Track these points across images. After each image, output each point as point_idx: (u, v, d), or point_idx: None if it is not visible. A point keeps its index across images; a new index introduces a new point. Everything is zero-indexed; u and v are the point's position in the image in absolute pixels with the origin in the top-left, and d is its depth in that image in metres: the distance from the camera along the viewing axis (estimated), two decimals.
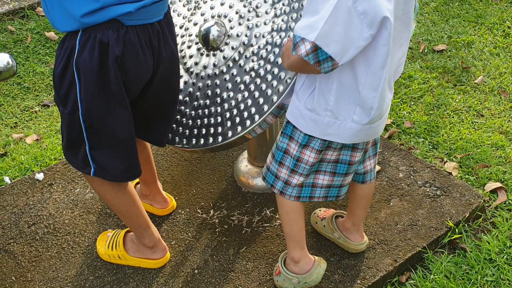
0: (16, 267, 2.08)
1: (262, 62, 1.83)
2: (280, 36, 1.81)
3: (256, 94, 1.81)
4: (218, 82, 1.92)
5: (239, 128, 1.82)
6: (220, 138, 1.87)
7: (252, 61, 1.85)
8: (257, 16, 1.87)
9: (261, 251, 2.08)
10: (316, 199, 1.81)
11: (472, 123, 2.80)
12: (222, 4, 1.97)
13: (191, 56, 2.02)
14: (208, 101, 1.93)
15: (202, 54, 1.99)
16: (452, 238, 2.13)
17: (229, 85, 1.89)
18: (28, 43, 3.67)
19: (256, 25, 1.87)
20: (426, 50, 3.39)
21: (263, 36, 1.84)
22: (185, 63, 2.03)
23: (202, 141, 1.91)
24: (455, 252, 2.12)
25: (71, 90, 1.61)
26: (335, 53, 1.39)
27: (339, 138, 1.63)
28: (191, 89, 1.98)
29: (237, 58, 1.89)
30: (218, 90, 1.91)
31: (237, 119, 1.84)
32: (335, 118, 1.59)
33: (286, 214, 1.84)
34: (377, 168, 2.30)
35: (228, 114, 1.87)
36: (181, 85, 2.01)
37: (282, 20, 1.80)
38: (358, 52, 1.42)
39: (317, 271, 1.88)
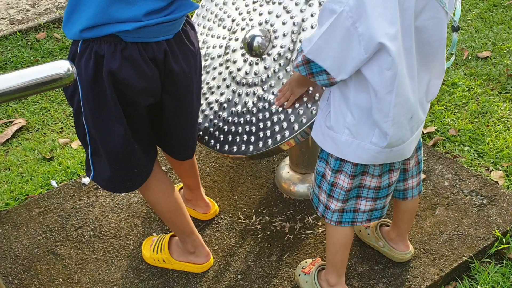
0: (63, 269, 2.13)
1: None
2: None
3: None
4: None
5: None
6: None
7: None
8: (286, 70, 1.89)
9: (304, 258, 2.07)
10: (359, 223, 1.78)
11: None
12: (284, 24, 1.95)
13: (236, 39, 2.06)
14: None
15: (241, 48, 2.02)
16: (499, 248, 2.08)
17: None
18: None
19: (280, 73, 1.90)
20: (470, 57, 3.34)
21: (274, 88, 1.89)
22: (230, 39, 2.07)
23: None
24: (503, 263, 2.07)
25: (75, 92, 1.62)
26: (330, 68, 1.40)
27: (358, 159, 1.58)
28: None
29: (256, 82, 1.95)
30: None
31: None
32: (353, 137, 1.54)
33: (332, 244, 1.83)
34: (422, 176, 2.26)
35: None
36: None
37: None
38: (355, 71, 1.41)
39: None
